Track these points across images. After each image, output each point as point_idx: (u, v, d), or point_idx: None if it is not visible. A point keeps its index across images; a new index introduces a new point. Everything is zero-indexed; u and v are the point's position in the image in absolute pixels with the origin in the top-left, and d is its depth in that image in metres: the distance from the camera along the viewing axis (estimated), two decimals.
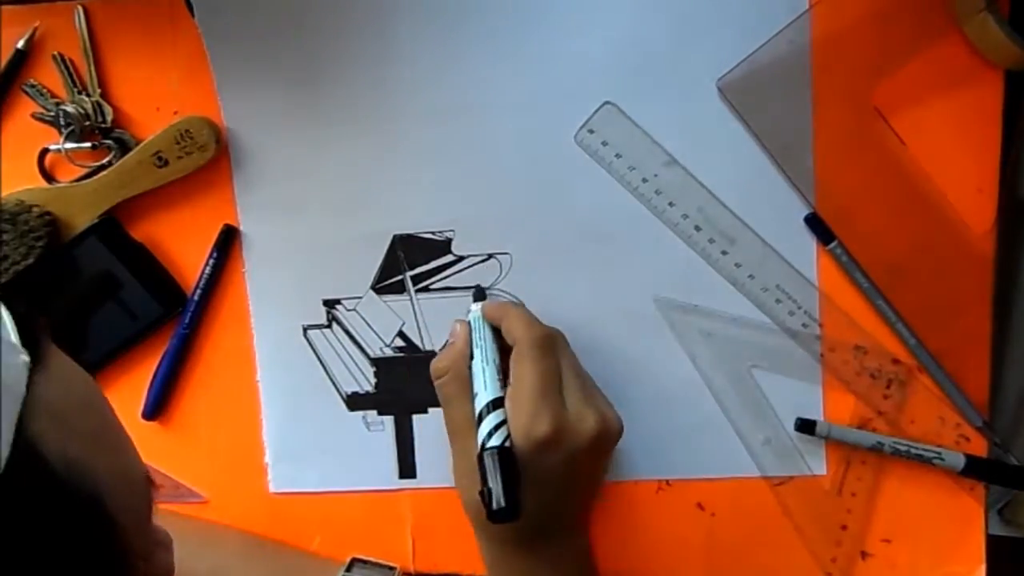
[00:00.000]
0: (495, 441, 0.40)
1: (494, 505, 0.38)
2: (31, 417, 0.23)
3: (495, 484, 0.39)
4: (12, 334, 0.24)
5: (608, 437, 0.42)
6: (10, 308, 0.25)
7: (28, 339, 0.25)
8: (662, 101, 0.46)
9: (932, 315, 0.45)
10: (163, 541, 0.32)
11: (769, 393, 0.46)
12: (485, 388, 0.42)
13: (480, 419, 0.41)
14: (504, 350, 0.44)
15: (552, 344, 0.43)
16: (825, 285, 0.46)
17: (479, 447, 0.41)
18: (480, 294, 0.48)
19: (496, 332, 0.45)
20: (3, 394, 0.22)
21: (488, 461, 0.39)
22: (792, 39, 0.44)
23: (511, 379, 0.42)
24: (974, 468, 0.44)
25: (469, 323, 0.46)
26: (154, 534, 0.32)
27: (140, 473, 0.28)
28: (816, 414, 0.46)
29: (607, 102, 0.46)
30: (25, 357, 0.24)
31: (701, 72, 0.45)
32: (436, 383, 0.45)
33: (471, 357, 0.44)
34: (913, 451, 0.44)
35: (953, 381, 0.45)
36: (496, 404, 0.42)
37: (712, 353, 0.46)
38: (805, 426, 0.45)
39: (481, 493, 0.39)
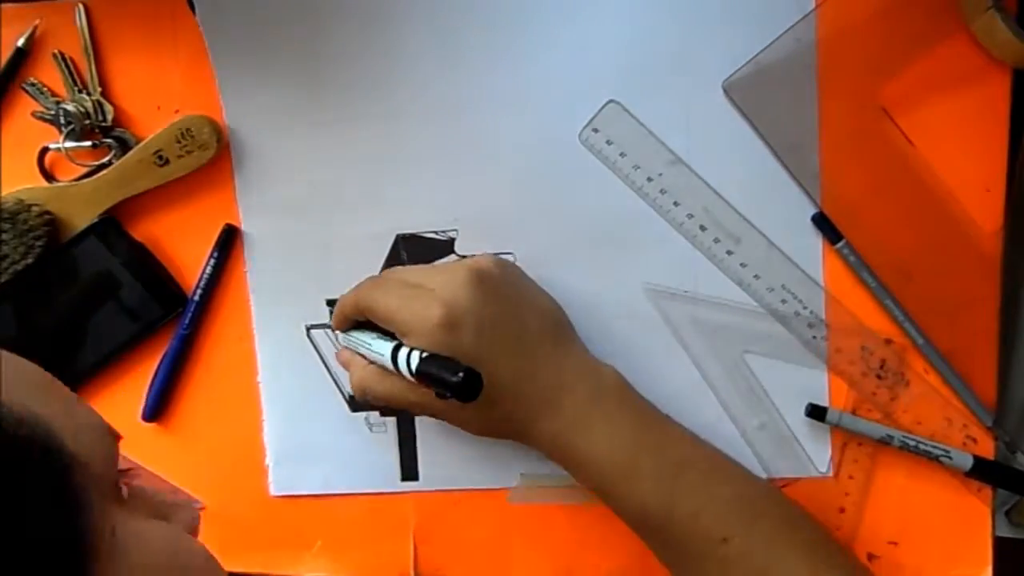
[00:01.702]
0: (415, 357, 0.38)
1: (454, 380, 0.35)
2: None
3: (441, 372, 0.36)
4: None
5: (486, 266, 0.42)
6: None
7: None
8: (667, 99, 0.46)
9: (939, 315, 0.44)
10: (181, 502, 0.33)
11: (766, 379, 0.46)
12: (383, 349, 0.41)
13: (397, 364, 0.40)
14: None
15: (380, 280, 0.43)
16: (831, 285, 0.45)
17: (411, 374, 0.39)
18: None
19: (361, 325, 0.44)
20: None
21: (424, 368, 0.38)
22: (798, 38, 0.44)
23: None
24: (981, 470, 0.44)
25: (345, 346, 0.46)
26: (173, 495, 0.33)
27: (98, 421, 0.28)
28: (821, 403, 0.46)
29: (611, 100, 0.46)
30: None
31: (706, 70, 0.45)
32: (373, 400, 0.43)
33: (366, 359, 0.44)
34: (922, 447, 0.44)
35: (963, 380, 0.44)
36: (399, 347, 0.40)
37: (707, 339, 0.46)
38: (816, 412, 0.45)
39: (441, 392, 0.37)
